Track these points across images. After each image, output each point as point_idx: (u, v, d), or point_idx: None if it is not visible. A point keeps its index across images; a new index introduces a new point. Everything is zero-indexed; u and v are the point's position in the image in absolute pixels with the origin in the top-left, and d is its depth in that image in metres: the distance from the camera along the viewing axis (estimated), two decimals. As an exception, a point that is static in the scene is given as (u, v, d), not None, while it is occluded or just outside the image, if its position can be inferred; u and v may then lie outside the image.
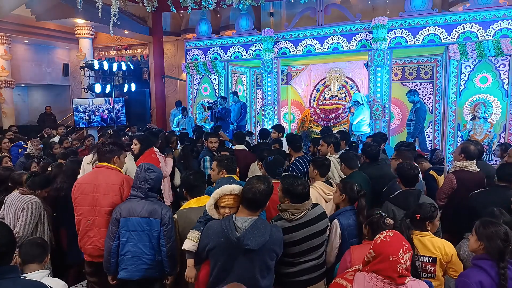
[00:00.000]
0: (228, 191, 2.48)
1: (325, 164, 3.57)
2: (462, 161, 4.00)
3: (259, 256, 2.31)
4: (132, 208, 2.94)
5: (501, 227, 2.24)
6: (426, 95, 9.00)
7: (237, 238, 2.26)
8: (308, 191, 2.73)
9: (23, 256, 2.53)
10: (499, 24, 7.03)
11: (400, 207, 3.14)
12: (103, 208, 3.16)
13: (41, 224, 3.61)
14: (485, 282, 2.13)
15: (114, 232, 2.95)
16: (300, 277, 2.69)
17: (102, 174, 3.24)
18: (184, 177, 3.11)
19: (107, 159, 3.31)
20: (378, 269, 1.90)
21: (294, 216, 2.64)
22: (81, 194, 3.21)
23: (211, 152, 5.47)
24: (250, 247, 2.25)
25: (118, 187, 3.17)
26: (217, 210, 2.53)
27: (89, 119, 11.96)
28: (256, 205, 2.38)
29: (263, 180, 2.41)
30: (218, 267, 2.34)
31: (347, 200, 3.09)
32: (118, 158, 3.35)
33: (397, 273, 1.85)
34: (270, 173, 3.40)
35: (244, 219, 2.35)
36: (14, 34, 11.94)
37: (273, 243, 2.36)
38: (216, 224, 2.40)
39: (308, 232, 2.65)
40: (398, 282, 1.86)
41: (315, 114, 10.10)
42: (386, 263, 1.87)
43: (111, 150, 3.32)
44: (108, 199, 3.15)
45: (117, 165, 3.36)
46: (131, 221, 2.92)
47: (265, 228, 2.34)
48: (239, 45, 9.36)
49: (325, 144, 4.54)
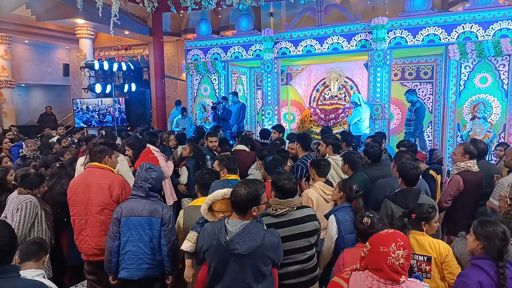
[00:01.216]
0: (220, 196, 2.48)
1: (322, 164, 3.58)
2: (466, 162, 3.96)
3: (250, 261, 2.25)
4: (133, 207, 2.95)
5: (499, 226, 2.24)
6: (426, 95, 9.00)
7: (225, 242, 2.23)
8: (294, 188, 2.73)
9: (20, 254, 2.52)
10: (499, 24, 7.03)
11: (399, 205, 3.16)
12: (94, 207, 3.19)
13: (39, 223, 3.61)
14: (484, 281, 2.13)
15: (115, 231, 2.96)
16: (287, 280, 2.67)
17: (93, 174, 3.27)
18: (199, 174, 3.09)
19: (98, 159, 3.33)
20: (370, 261, 1.89)
21: (276, 212, 2.65)
22: (74, 194, 3.26)
23: (211, 151, 5.48)
24: (238, 252, 2.21)
25: (107, 186, 3.19)
26: (212, 214, 2.52)
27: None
28: (239, 209, 2.30)
29: (246, 185, 2.31)
30: (212, 269, 2.33)
31: (344, 198, 3.13)
32: (109, 158, 3.37)
33: (388, 266, 1.83)
34: (270, 172, 3.41)
35: (235, 222, 2.31)
36: (14, 34, 11.95)
37: (266, 248, 2.27)
38: (211, 226, 2.39)
39: (290, 231, 2.64)
40: (391, 277, 1.83)
41: (315, 114, 10.11)
42: (377, 254, 1.87)
43: (101, 150, 3.33)
44: (98, 198, 3.18)
45: (109, 164, 3.37)
46: (131, 221, 2.92)
47: (257, 233, 2.28)
48: (239, 45, 9.37)
49: (324, 144, 4.56)
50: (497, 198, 3.47)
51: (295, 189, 2.75)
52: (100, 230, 3.21)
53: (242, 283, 2.27)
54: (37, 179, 3.81)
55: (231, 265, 2.28)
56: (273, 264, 2.36)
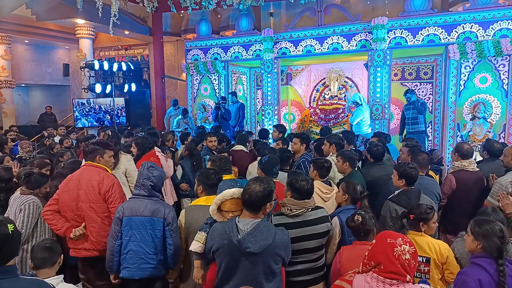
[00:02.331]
0: (229, 196, 2.49)
1: (325, 167, 3.59)
2: (460, 161, 3.99)
3: (262, 259, 2.29)
4: (135, 207, 2.95)
5: (496, 225, 2.26)
6: (426, 95, 9.01)
7: (237, 241, 2.25)
8: (311, 189, 2.74)
9: (33, 261, 2.53)
10: (499, 24, 7.04)
11: (402, 206, 3.14)
12: (84, 203, 3.25)
13: (41, 223, 3.60)
14: (484, 279, 2.14)
15: (116, 231, 2.97)
16: (295, 277, 2.69)
17: (86, 172, 3.34)
18: (204, 173, 3.08)
19: (90, 158, 3.40)
20: (375, 253, 1.86)
21: (291, 212, 2.66)
22: (64, 189, 3.32)
23: (210, 151, 5.49)
24: (251, 250, 2.24)
25: (97, 183, 3.25)
26: (221, 214, 2.53)
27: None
28: (254, 207, 2.34)
29: (260, 181, 2.37)
30: (223, 269, 2.34)
31: (349, 200, 3.10)
32: (100, 157, 3.41)
33: (394, 258, 1.80)
34: (266, 172, 3.41)
35: (247, 221, 2.34)
36: (14, 34, 11.95)
37: (277, 246, 2.31)
38: (221, 226, 2.40)
39: (304, 232, 2.66)
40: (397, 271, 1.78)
41: (315, 114, 10.12)
42: (384, 246, 1.85)
43: (93, 150, 3.40)
44: (87, 195, 3.24)
45: (102, 163, 3.42)
46: (133, 220, 2.93)
47: (268, 231, 2.31)
48: (239, 45, 9.37)
49: (328, 143, 4.58)
50: (495, 197, 3.47)
51: (312, 191, 2.76)
52: (91, 227, 3.26)
53: (253, 281, 2.29)
54: (42, 179, 3.80)
55: (243, 264, 2.29)
56: (283, 262, 2.40)
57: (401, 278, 1.80)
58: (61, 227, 3.26)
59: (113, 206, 3.22)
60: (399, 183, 3.33)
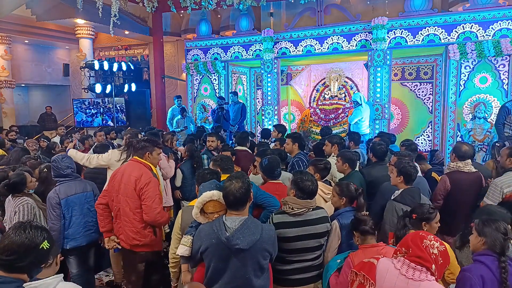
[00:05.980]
0: (208, 197, 2.52)
1: (327, 168, 3.61)
2: (456, 162, 3.95)
3: (251, 255, 2.31)
4: (68, 189, 3.55)
5: (501, 223, 2.28)
6: (426, 95, 9.01)
7: (226, 238, 2.27)
8: (315, 190, 2.74)
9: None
10: (499, 24, 7.04)
11: (408, 205, 3.08)
12: (122, 196, 3.40)
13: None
14: (486, 276, 2.16)
15: (58, 215, 3.48)
16: (293, 275, 2.71)
17: (130, 167, 3.51)
18: (200, 173, 3.11)
19: (139, 154, 3.54)
20: (407, 240, 2.00)
21: (293, 211, 2.66)
22: (112, 180, 3.53)
23: (210, 151, 5.48)
24: (240, 247, 2.26)
25: (134, 179, 3.35)
26: (206, 216, 2.55)
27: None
28: (239, 204, 2.37)
29: (234, 179, 2.40)
30: (211, 268, 2.35)
31: (347, 202, 3.07)
32: (150, 154, 3.54)
33: (422, 247, 1.92)
34: (268, 175, 3.41)
35: (234, 218, 2.36)
36: (14, 34, 11.96)
37: (265, 242, 2.35)
38: (207, 226, 2.42)
39: (304, 231, 2.66)
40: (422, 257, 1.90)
41: (315, 114, 10.11)
42: (416, 236, 2.00)
43: (143, 147, 3.53)
44: (126, 188, 3.39)
45: (149, 161, 3.53)
46: (70, 199, 3.54)
47: (255, 227, 2.35)
48: (239, 45, 9.37)
49: (329, 144, 4.56)
50: (491, 198, 3.49)
51: (316, 192, 2.76)
52: (124, 220, 3.41)
53: (242, 278, 2.31)
54: (18, 180, 3.54)
55: (232, 262, 2.31)
56: (270, 257, 2.44)
57: (426, 264, 1.89)
58: (103, 226, 3.53)
59: (145, 204, 3.33)
60: (397, 180, 3.28)
